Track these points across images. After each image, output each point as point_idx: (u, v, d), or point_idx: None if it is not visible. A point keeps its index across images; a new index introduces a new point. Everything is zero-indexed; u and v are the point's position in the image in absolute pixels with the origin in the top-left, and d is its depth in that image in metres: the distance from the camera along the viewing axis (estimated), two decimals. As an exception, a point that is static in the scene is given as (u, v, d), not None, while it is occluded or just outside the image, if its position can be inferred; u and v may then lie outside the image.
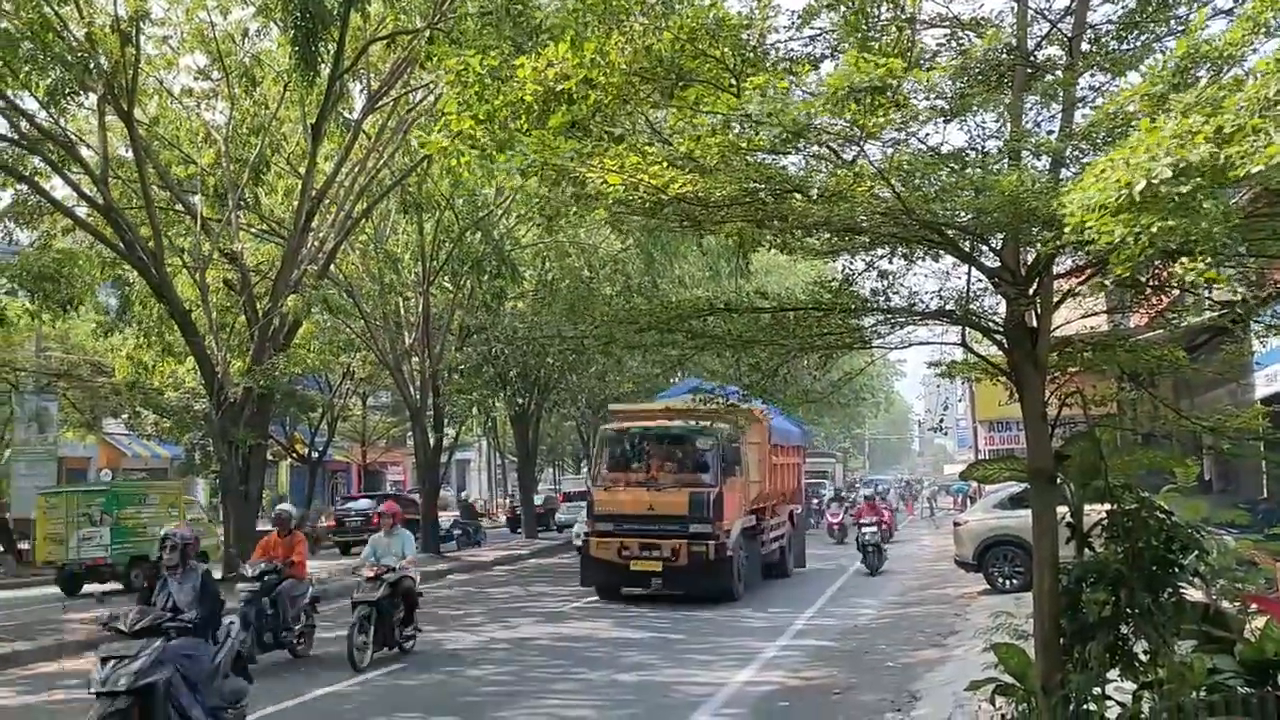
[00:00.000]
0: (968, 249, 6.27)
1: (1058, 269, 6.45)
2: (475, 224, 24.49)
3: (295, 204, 20.48)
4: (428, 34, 17.24)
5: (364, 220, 23.17)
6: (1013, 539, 16.10)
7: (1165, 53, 5.81)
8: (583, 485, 30.76)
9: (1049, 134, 6.29)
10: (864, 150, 5.41)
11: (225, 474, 19.36)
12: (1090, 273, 6.34)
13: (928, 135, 6.06)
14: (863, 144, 5.33)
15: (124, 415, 30.27)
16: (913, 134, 5.75)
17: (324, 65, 17.42)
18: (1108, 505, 6.05)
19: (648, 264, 26.21)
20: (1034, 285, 6.16)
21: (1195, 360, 7.66)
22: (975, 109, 6.38)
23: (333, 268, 22.66)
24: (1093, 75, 6.59)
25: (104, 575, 19.38)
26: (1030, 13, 6.44)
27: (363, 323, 26.52)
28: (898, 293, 6.82)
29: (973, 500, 29.44)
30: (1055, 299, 6.43)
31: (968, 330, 6.96)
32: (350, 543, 28.97)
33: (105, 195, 18.00)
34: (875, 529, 21.94)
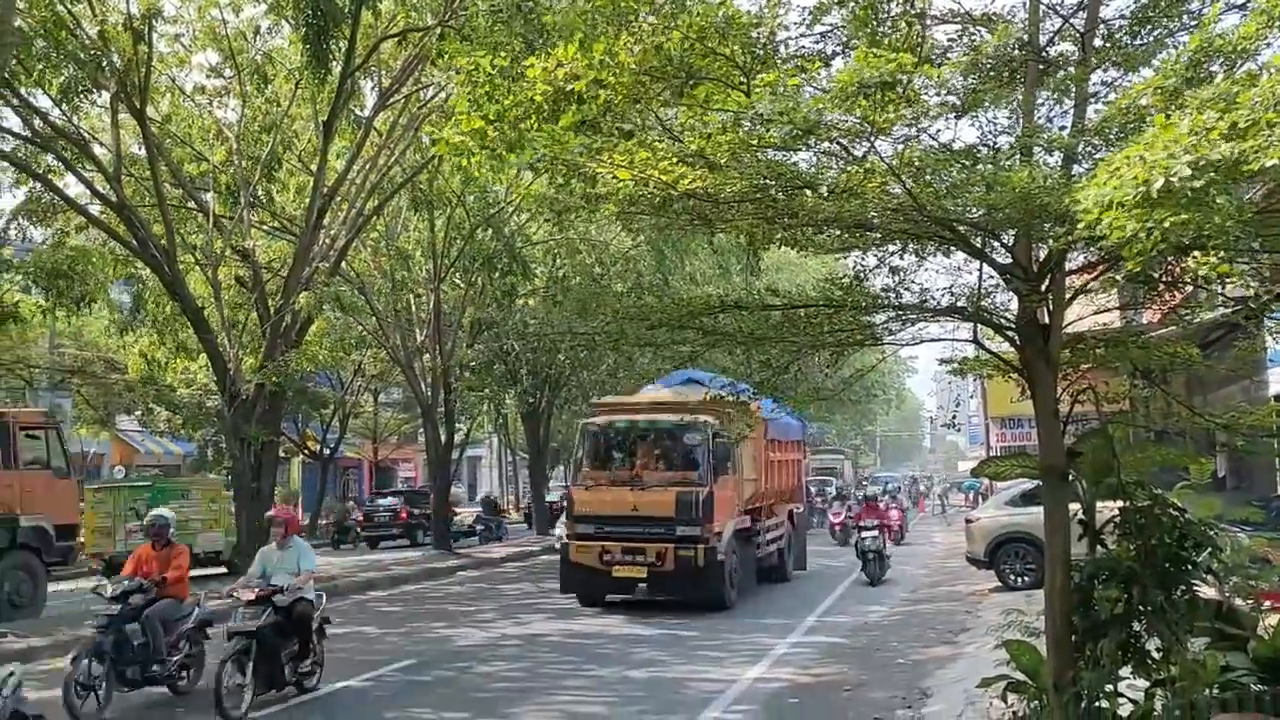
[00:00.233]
0: (979, 245, 6.26)
1: (1070, 265, 6.43)
2: (486, 221, 24.52)
3: (307, 201, 20.53)
4: (439, 31, 17.26)
5: (375, 217, 23.21)
6: (1025, 536, 16.05)
7: (1178, 47, 5.78)
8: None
9: (1061, 130, 6.27)
10: (874, 147, 5.40)
11: (237, 471, 19.41)
12: (1103, 269, 6.32)
13: (939, 131, 6.05)
14: (873, 140, 5.32)
15: (137, 412, 30.39)
16: (924, 130, 5.74)
17: (335, 63, 17.45)
18: (1120, 502, 6.03)
19: (659, 261, 26.19)
20: (1046, 281, 6.15)
21: (1208, 357, 7.65)
22: (987, 105, 6.36)
23: (344, 265, 22.71)
24: (1105, 71, 6.57)
25: None
26: (1042, 8, 6.41)
27: (374, 319, 26.59)
28: (909, 289, 6.81)
29: (984, 497, 29.41)
30: (1067, 295, 6.41)
31: (979, 327, 6.95)
32: (379, 538, 30.74)
33: (118, 193, 18.06)
34: (876, 533, 19.57)
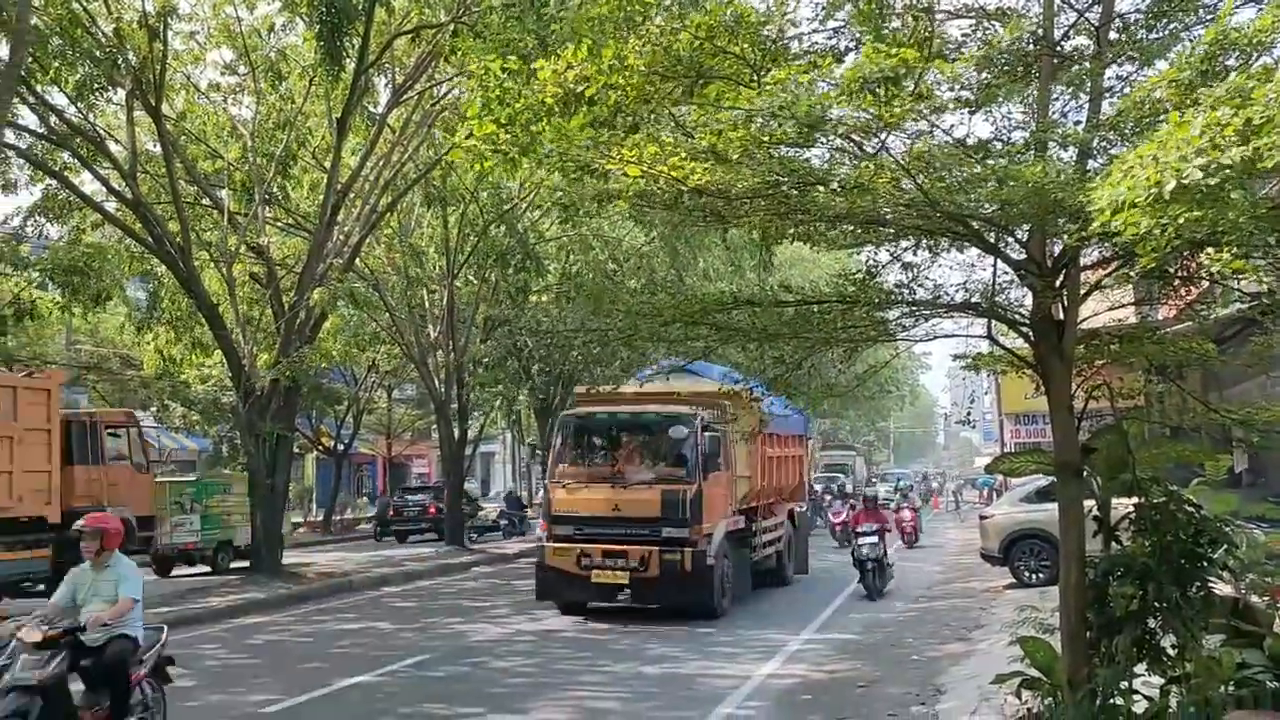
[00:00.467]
0: (993, 241, 6.24)
1: (1084, 261, 6.41)
2: (499, 217, 24.55)
3: (321, 198, 20.60)
4: (452, 28, 17.30)
5: (389, 214, 23.26)
6: (1039, 533, 16.00)
7: (1194, 41, 5.75)
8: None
9: (1076, 125, 6.24)
10: (883, 142, 5.40)
11: (252, 466, 19.51)
12: (1117, 265, 6.30)
13: (953, 127, 6.05)
14: (882, 136, 5.31)
15: (153, 408, 30.54)
16: (937, 126, 5.73)
17: (349, 60, 17.50)
18: (1135, 499, 6.02)
19: (672, 257, 26.19)
20: (1060, 277, 6.13)
21: (1224, 352, 7.61)
22: (1001, 100, 6.34)
23: (358, 261, 22.77)
24: (1120, 65, 6.54)
25: (193, 558, 21.21)
26: (1057, 2, 6.39)
27: (388, 316, 26.66)
28: (922, 285, 6.80)
29: (998, 494, 29.32)
30: (1082, 291, 6.39)
31: (993, 323, 6.93)
32: (408, 532, 31.42)
33: (134, 190, 18.16)
34: (875, 540, 16.74)
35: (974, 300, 6.71)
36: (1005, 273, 6.57)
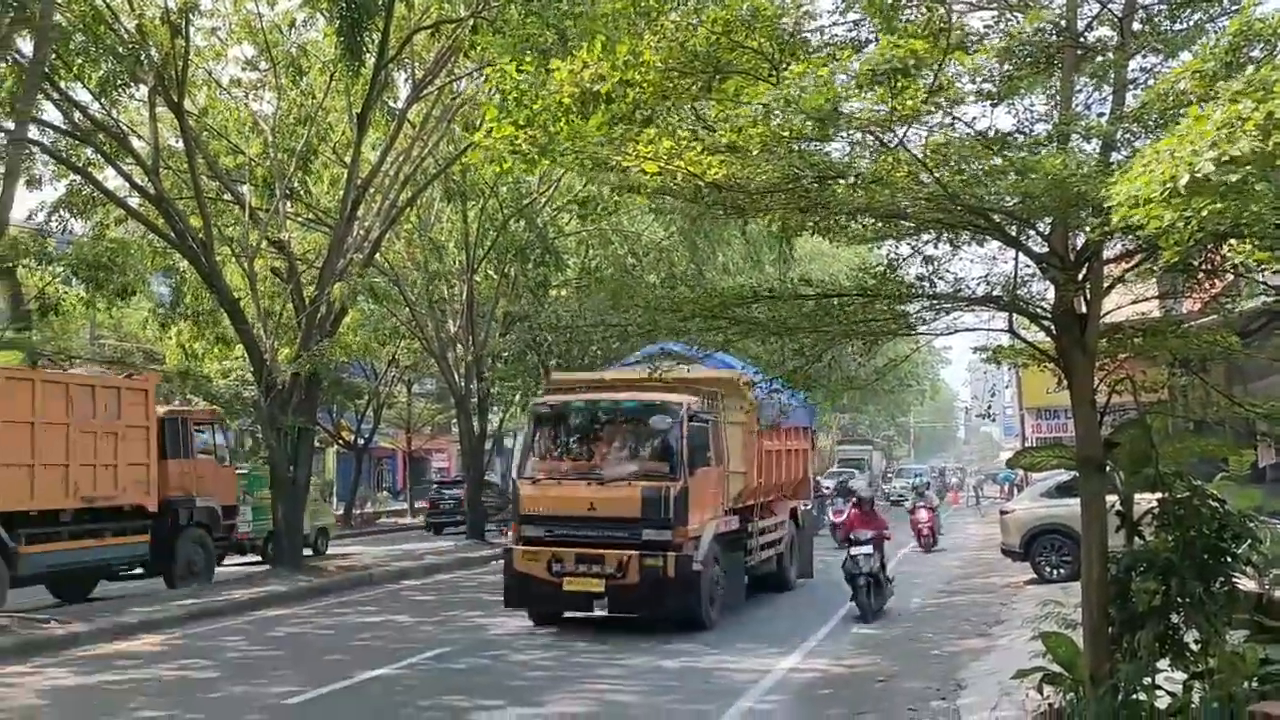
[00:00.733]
0: (1014, 234, 6.21)
1: (1108, 254, 6.37)
2: (519, 212, 24.59)
3: (341, 193, 20.67)
4: (471, 23, 17.32)
5: (409, 209, 23.34)
6: (1060, 528, 15.92)
7: (1218, 32, 5.70)
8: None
9: (1100, 117, 6.20)
10: (898, 135, 5.37)
11: (274, 460, 19.63)
12: (1141, 258, 6.25)
13: (975, 119, 6.02)
14: (898, 128, 5.29)
15: (175, 402, 30.74)
16: (958, 119, 5.70)
17: (369, 55, 17.55)
18: (1158, 494, 5.98)
19: (691, 252, 26.16)
20: (1083, 270, 6.09)
21: (1249, 345, 7.54)
22: (1023, 92, 6.31)
23: (378, 256, 22.86)
24: (1144, 56, 6.49)
25: (245, 548, 22.12)
26: (1080, -7, 6.35)
27: (408, 310, 26.76)
28: (943, 278, 6.79)
29: (1019, 489, 29.15)
30: (1105, 284, 6.35)
31: (1015, 316, 6.90)
32: (444, 524, 32.42)
33: (156, 185, 18.28)
34: (870, 550, 13.97)
35: (995, 293, 6.69)
36: (1027, 266, 6.54)
